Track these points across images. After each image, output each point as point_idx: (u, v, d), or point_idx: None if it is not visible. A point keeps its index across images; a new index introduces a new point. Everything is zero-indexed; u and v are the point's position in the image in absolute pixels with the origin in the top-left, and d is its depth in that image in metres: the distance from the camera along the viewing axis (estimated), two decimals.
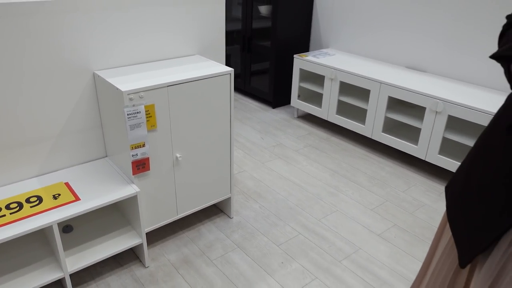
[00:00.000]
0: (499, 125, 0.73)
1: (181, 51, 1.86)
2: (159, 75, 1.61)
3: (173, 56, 1.84)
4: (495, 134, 0.74)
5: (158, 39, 1.77)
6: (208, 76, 1.66)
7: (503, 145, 0.70)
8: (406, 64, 2.80)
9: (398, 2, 2.72)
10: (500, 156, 0.70)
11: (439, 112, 2.25)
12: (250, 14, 3.35)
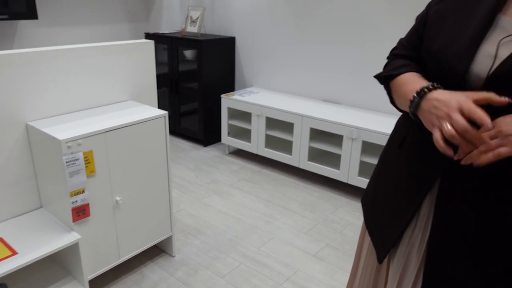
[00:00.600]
0: (393, 145, 0.93)
1: (114, 97, 1.92)
2: (95, 121, 1.66)
3: (107, 103, 1.90)
4: (391, 152, 0.94)
5: (91, 87, 1.82)
6: (143, 120, 1.74)
7: (396, 160, 0.90)
8: (323, 97, 3.10)
9: (309, 42, 3.04)
10: (395, 169, 0.90)
11: (355, 138, 2.53)
12: (176, 58, 3.49)
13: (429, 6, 0.89)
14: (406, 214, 0.85)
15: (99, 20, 3.93)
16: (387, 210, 0.91)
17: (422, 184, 0.82)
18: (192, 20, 3.55)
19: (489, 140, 0.66)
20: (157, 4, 4.15)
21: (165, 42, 3.54)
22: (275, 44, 3.25)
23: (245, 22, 3.42)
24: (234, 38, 3.52)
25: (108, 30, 4.02)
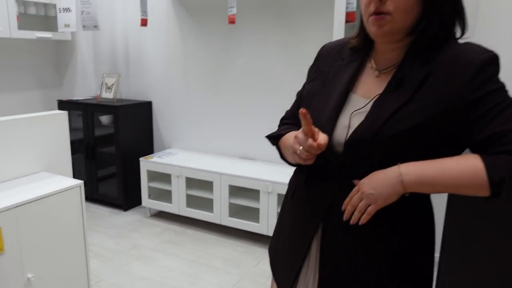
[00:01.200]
0: (287, 197, 1.08)
1: (25, 170, 1.88)
2: (4, 196, 1.61)
3: (18, 176, 1.85)
4: (286, 203, 1.09)
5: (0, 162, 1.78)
6: (57, 191, 1.73)
7: (290, 210, 1.05)
8: (239, 155, 3.27)
9: (223, 103, 3.25)
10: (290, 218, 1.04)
11: (270, 192, 2.70)
12: (91, 124, 3.48)
13: (304, 85, 1.11)
14: (299, 257, 0.99)
15: (7, 87, 3.81)
16: (285, 256, 1.04)
17: (309, 229, 0.96)
18: (107, 86, 3.60)
19: (358, 203, 0.85)
20: (70, 71, 4.14)
21: (79, 109, 3.52)
22: (190, 106, 3.40)
23: (161, 86, 3.55)
24: (150, 102, 3.62)
25: (18, 98, 3.89)
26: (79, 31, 3.87)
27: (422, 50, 0.86)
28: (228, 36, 3.14)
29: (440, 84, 0.82)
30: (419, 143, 0.82)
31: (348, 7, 2.34)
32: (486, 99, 0.80)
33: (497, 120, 0.79)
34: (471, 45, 0.84)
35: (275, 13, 2.93)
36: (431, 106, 0.81)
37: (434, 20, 0.84)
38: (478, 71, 0.80)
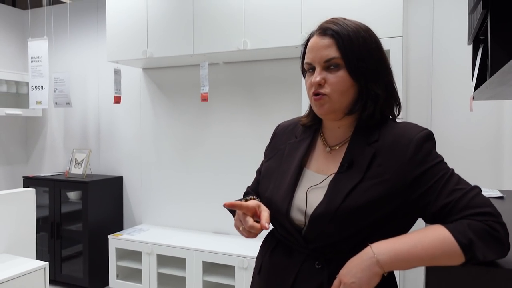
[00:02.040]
0: (255, 273, 1.09)
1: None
2: None
3: None
4: (254, 279, 1.12)
5: None
6: (20, 274, 1.61)
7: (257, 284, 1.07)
8: (212, 229, 3.20)
9: (194, 178, 3.24)
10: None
11: (246, 268, 2.61)
12: (58, 200, 3.36)
13: (262, 163, 1.19)
14: None
15: None
16: None
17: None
18: (77, 162, 3.54)
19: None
20: (39, 146, 4.08)
21: (46, 185, 3.41)
22: (162, 180, 3.37)
23: (132, 161, 3.53)
24: (121, 178, 3.56)
25: None
26: (51, 108, 3.88)
27: (365, 131, 0.95)
28: (199, 113, 3.23)
29: (386, 163, 0.90)
30: (375, 216, 0.89)
31: None
32: (429, 173, 0.88)
33: (444, 192, 0.86)
34: (408, 125, 0.94)
35: (245, 92, 3.07)
36: (381, 183, 0.89)
37: (368, 101, 0.95)
38: (418, 148, 0.89)
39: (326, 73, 0.94)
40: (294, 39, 2.50)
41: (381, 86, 0.96)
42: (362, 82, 0.94)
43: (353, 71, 0.93)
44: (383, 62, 0.97)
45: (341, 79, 0.93)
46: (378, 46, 0.98)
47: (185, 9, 2.82)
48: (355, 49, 0.93)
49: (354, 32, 0.95)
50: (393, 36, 2.27)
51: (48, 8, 3.90)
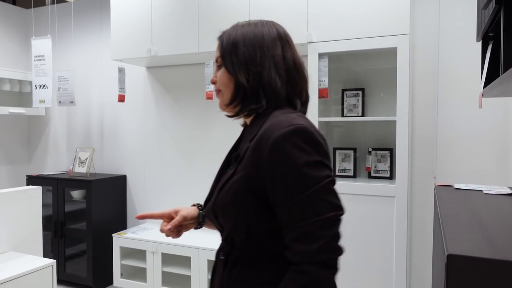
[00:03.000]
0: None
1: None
2: None
3: None
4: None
5: None
6: (27, 272, 1.61)
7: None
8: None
9: (198, 175, 3.23)
10: None
11: None
12: (62, 199, 3.35)
13: None
14: None
15: None
16: None
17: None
18: (80, 160, 3.54)
19: None
20: (42, 146, 4.07)
21: (49, 184, 3.40)
22: (166, 179, 3.36)
23: (136, 160, 3.53)
24: (125, 176, 3.56)
25: None
26: (54, 107, 3.88)
27: (253, 126, 0.98)
28: (203, 112, 3.22)
29: (250, 158, 0.91)
30: (245, 209, 0.91)
31: (321, 84, 2.49)
32: (276, 177, 0.86)
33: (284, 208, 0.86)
34: (278, 120, 0.91)
35: None
36: (242, 178, 0.92)
37: (241, 93, 0.99)
38: (273, 147, 0.87)
39: (217, 71, 1.05)
40: (300, 37, 2.49)
41: (249, 76, 0.98)
42: (234, 74, 0.99)
43: (226, 65, 1.01)
44: (256, 53, 0.99)
45: (222, 74, 1.02)
46: (258, 40, 1.00)
47: (190, 6, 2.81)
48: (231, 47, 1.00)
49: (237, 31, 1.02)
50: (400, 33, 2.26)
51: (51, 7, 3.89)
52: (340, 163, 2.69)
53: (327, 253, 0.84)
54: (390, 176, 2.55)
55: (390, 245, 2.30)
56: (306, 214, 0.84)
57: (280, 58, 1.00)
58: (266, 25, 1.04)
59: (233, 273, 0.96)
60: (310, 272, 0.83)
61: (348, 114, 2.67)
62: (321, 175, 0.86)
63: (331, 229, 0.85)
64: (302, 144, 0.87)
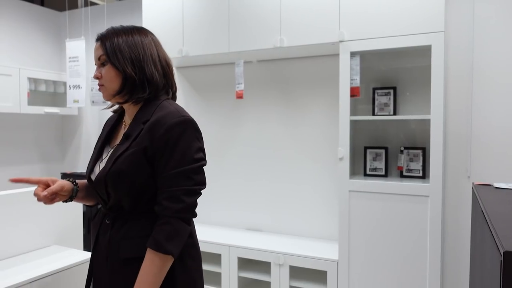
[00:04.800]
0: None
1: (37, 243, 1.83)
2: (18, 272, 1.55)
3: (30, 249, 1.79)
4: None
5: (10, 235, 1.73)
6: (71, 265, 1.67)
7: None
8: (245, 226, 3.22)
9: (227, 176, 3.27)
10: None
11: (282, 264, 2.62)
12: None
13: None
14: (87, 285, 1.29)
15: (10, 161, 3.81)
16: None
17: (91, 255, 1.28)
18: None
19: None
20: (74, 144, 4.19)
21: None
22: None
23: None
24: None
25: (21, 171, 3.88)
26: (86, 106, 3.99)
27: (145, 111, 1.20)
28: (232, 112, 3.26)
29: (145, 136, 1.15)
30: (137, 177, 1.14)
31: (352, 83, 2.49)
32: (164, 151, 1.13)
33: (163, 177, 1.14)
34: (170, 110, 1.18)
35: (279, 91, 3.07)
36: (138, 151, 1.14)
37: (129, 85, 1.19)
38: (167, 130, 1.14)
39: (102, 68, 1.22)
40: (331, 36, 2.49)
41: (136, 71, 1.19)
42: (121, 69, 1.18)
43: (113, 63, 1.18)
44: (139, 53, 1.21)
45: (107, 71, 1.20)
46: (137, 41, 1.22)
47: (221, 6, 2.85)
48: (115, 46, 1.19)
49: (117, 34, 1.22)
50: (434, 31, 2.24)
51: (84, 9, 4.01)
52: (371, 162, 2.67)
53: (186, 213, 1.15)
54: (423, 176, 2.52)
55: (423, 244, 2.28)
56: (178, 182, 1.13)
57: (156, 57, 1.24)
58: (140, 30, 1.26)
59: (121, 232, 1.17)
60: (173, 224, 1.12)
61: (379, 113, 2.65)
62: (197, 157, 1.17)
63: (192, 197, 1.15)
64: (190, 131, 1.17)
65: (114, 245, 1.17)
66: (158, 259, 1.11)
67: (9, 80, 3.49)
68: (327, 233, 2.93)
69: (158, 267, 1.11)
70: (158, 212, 1.14)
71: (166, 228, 1.12)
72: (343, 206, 2.48)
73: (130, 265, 1.15)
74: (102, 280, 1.21)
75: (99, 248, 1.22)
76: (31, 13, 4.02)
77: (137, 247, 1.15)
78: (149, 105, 1.22)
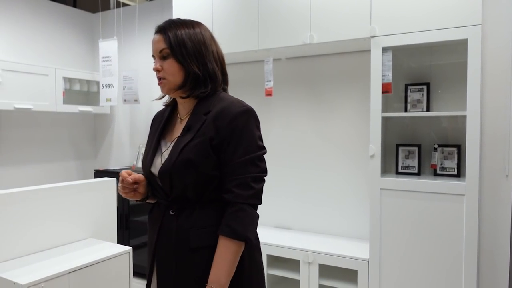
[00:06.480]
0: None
1: (74, 236, 1.89)
2: (57, 262, 1.60)
3: (67, 242, 1.85)
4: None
5: (50, 228, 1.79)
6: (107, 257, 1.71)
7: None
8: (274, 224, 3.22)
9: None
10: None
11: (311, 262, 2.61)
12: None
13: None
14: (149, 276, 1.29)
15: (47, 159, 3.95)
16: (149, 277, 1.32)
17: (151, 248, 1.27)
18: None
19: None
20: (106, 142, 4.30)
21: (115, 177, 3.59)
22: None
23: None
24: None
25: (56, 168, 4.02)
26: (118, 105, 4.08)
27: (204, 103, 1.23)
28: (261, 110, 3.26)
29: (210, 126, 1.18)
30: (204, 166, 1.16)
31: (384, 79, 2.44)
32: (231, 139, 1.17)
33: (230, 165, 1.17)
34: (232, 101, 1.21)
35: (308, 88, 3.06)
36: (204, 141, 1.17)
37: (191, 80, 1.21)
38: (233, 119, 1.17)
39: (162, 61, 1.22)
40: (363, 31, 2.45)
41: (200, 67, 1.22)
42: (185, 64, 1.20)
43: (177, 57, 1.20)
44: (202, 49, 1.23)
45: (170, 64, 1.21)
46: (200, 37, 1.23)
47: (250, 4, 2.86)
48: (178, 39, 1.20)
49: (178, 28, 1.21)
50: (471, 24, 2.17)
51: (116, 10, 4.11)
52: (403, 160, 2.62)
53: (256, 199, 1.18)
54: (458, 174, 2.45)
55: (458, 244, 2.22)
56: (247, 169, 1.17)
57: (216, 53, 1.27)
58: (199, 25, 1.27)
59: (189, 221, 1.19)
60: (246, 210, 1.15)
61: (411, 109, 2.59)
62: (261, 145, 1.21)
63: (259, 183, 1.19)
64: (252, 120, 1.20)
65: (182, 235, 1.18)
66: (234, 246, 1.13)
67: (46, 80, 3.62)
68: (356, 231, 2.89)
69: (234, 254, 1.14)
70: (229, 199, 1.16)
71: (241, 214, 1.15)
72: (374, 204, 2.44)
73: (199, 253, 1.18)
74: (169, 270, 1.21)
75: (164, 239, 1.22)
76: (65, 15, 4.16)
77: (207, 235, 1.17)
78: (207, 98, 1.24)
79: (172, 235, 1.20)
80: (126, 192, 1.25)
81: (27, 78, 3.47)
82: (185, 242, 1.18)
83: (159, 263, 1.22)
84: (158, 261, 1.23)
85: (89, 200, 1.97)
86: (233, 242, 1.13)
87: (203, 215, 1.19)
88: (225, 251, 1.13)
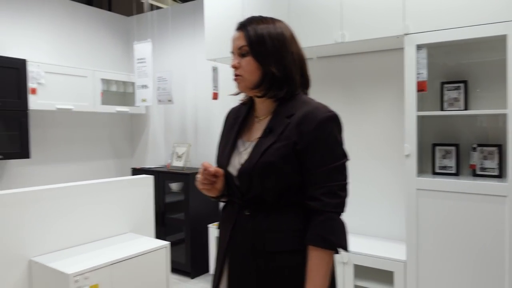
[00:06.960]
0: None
1: (115, 230, 1.97)
2: (99, 255, 1.68)
3: (108, 236, 1.93)
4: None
5: (92, 222, 1.87)
6: (147, 251, 1.77)
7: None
8: None
9: None
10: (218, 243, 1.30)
11: (346, 262, 2.59)
12: (162, 190, 3.61)
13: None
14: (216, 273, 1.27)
15: (87, 157, 4.11)
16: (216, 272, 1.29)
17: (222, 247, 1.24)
18: (177, 155, 3.79)
19: None
20: (142, 141, 4.43)
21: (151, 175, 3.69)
22: None
23: None
24: None
25: (95, 166, 4.17)
26: (153, 105, 4.20)
27: (286, 105, 1.20)
28: None
29: (294, 130, 1.15)
30: (285, 170, 1.14)
31: (419, 77, 2.40)
32: (318, 148, 1.13)
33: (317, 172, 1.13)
34: (316, 106, 1.18)
35: (341, 88, 3.04)
36: (288, 144, 1.14)
37: (268, 80, 1.18)
38: (318, 125, 1.14)
39: (240, 58, 1.20)
40: (395, 29, 2.42)
41: (279, 68, 1.18)
42: (263, 64, 1.17)
43: (256, 56, 1.18)
44: (281, 49, 1.19)
45: (248, 62, 1.19)
46: (281, 37, 1.20)
47: (281, 3, 2.87)
48: (258, 38, 1.18)
49: (259, 25, 1.19)
50: (510, 20, 2.10)
51: (151, 13, 4.22)
52: (440, 160, 2.56)
53: (343, 208, 1.15)
54: (499, 175, 2.37)
55: (499, 246, 2.15)
56: (334, 177, 1.14)
57: (296, 54, 1.23)
58: (280, 23, 1.24)
59: (265, 224, 1.16)
60: (336, 219, 1.12)
61: (448, 108, 2.53)
62: (345, 153, 1.18)
63: (345, 191, 1.16)
64: (338, 127, 1.18)
65: (258, 237, 1.16)
66: (328, 257, 1.11)
67: (85, 81, 3.77)
68: (391, 232, 2.85)
69: (328, 265, 1.11)
70: (317, 208, 1.12)
71: (332, 224, 1.11)
72: (410, 204, 2.40)
73: (274, 257, 1.15)
74: (242, 271, 1.19)
75: (237, 240, 1.20)
76: (101, 18, 4.31)
77: (284, 240, 1.15)
78: (289, 100, 1.21)
79: (246, 236, 1.18)
80: (205, 184, 1.22)
81: (68, 80, 3.63)
82: (260, 244, 1.16)
83: (232, 263, 1.21)
84: (230, 261, 1.21)
85: (129, 196, 2.05)
86: (327, 253, 1.10)
87: (280, 219, 1.16)
88: (320, 262, 1.10)
